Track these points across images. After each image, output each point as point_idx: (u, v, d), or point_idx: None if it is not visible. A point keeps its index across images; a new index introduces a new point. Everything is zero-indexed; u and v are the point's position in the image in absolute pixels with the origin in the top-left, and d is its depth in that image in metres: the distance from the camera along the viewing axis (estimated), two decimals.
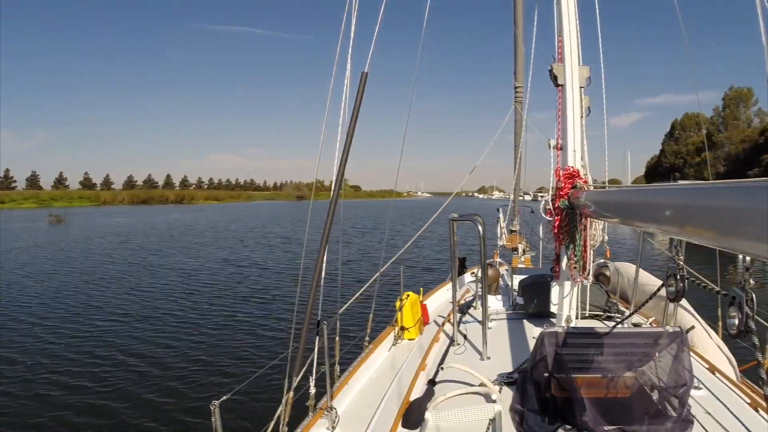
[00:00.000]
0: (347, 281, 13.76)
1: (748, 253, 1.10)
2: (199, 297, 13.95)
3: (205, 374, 8.07)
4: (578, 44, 3.55)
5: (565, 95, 3.52)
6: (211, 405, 2.52)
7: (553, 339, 2.64)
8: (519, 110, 8.94)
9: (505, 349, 3.85)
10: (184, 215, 59.06)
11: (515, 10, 8.77)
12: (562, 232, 3.26)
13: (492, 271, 5.44)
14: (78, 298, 13.99)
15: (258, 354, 8.96)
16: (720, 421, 2.59)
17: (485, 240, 3.76)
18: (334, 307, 3.84)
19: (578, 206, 2.98)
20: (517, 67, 9.01)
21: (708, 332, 3.88)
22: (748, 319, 1.29)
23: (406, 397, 3.06)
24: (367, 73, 3.33)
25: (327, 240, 3.13)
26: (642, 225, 1.83)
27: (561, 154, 3.58)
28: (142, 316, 11.81)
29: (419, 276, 16.09)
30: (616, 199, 2.28)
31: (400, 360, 4.09)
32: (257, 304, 13.02)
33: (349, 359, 4.14)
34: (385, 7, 3.74)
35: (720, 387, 3.06)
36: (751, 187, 1.04)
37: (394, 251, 6.29)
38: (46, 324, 11.16)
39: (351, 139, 3.28)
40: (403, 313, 4.64)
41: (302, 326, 3.05)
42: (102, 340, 10.01)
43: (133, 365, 8.51)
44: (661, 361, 2.59)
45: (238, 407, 6.30)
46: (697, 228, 1.27)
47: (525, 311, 4.72)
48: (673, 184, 1.51)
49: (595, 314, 4.43)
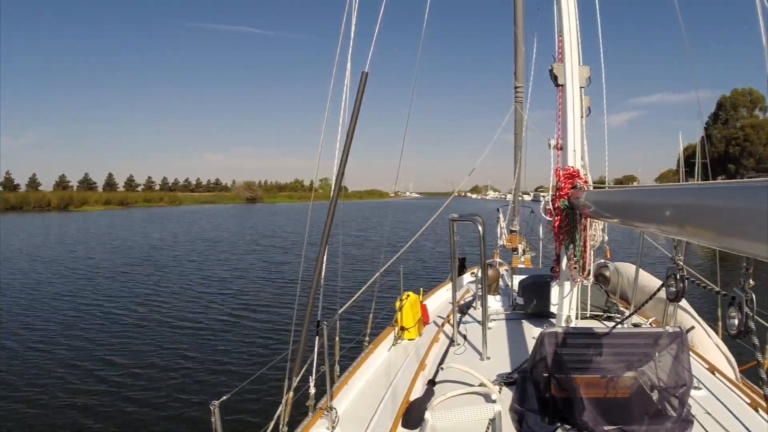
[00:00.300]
0: (347, 281, 13.76)
1: (748, 253, 1.10)
2: (198, 297, 13.95)
3: (205, 374, 8.07)
4: (578, 44, 3.55)
5: (565, 95, 3.52)
6: (211, 405, 2.51)
7: (553, 339, 2.64)
8: (519, 110, 8.94)
9: (505, 349, 3.84)
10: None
11: (515, 9, 8.77)
12: (562, 232, 3.26)
13: (492, 271, 5.43)
14: (78, 298, 14.00)
15: (258, 354, 8.96)
16: (720, 421, 2.59)
17: (485, 240, 3.76)
18: (334, 307, 3.84)
19: (578, 206, 2.98)
20: (517, 66, 9.01)
21: (708, 332, 3.88)
22: (748, 319, 1.29)
23: (406, 397, 3.06)
24: (367, 73, 3.33)
25: (327, 240, 3.13)
26: (642, 225, 1.83)
27: (561, 154, 3.58)
28: (141, 317, 11.81)
29: (419, 276, 16.09)
30: (616, 199, 2.27)
31: (400, 360, 4.09)
32: (257, 304, 13.02)
33: (349, 359, 4.13)
34: (385, 7, 3.74)
35: (720, 387, 3.06)
36: (751, 187, 1.03)
37: (394, 251, 6.29)
38: (40, 325, 11.17)
39: (351, 139, 3.27)
40: (403, 313, 4.63)
41: (302, 326, 3.05)
42: (101, 340, 10.02)
43: (133, 365, 8.52)
44: (661, 361, 2.59)
45: (238, 407, 6.30)
46: (697, 228, 1.27)
47: (525, 311, 4.72)
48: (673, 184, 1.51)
49: (595, 314, 4.43)
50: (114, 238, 32.24)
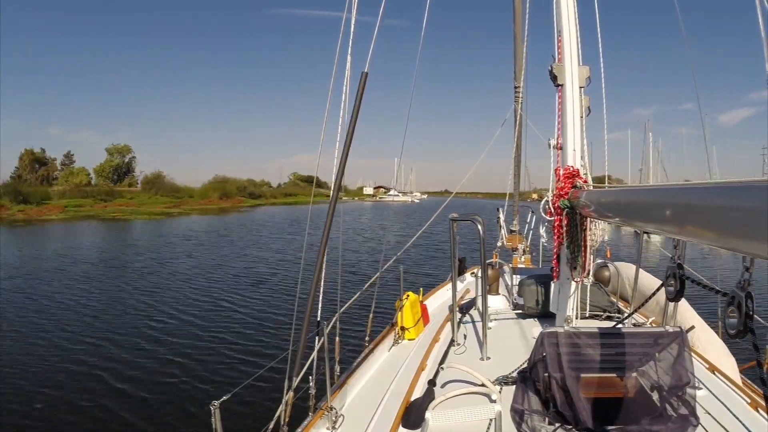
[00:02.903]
0: (347, 281, 13.76)
1: (748, 253, 1.10)
2: (198, 297, 13.95)
3: (205, 374, 8.08)
4: (578, 44, 3.56)
5: (565, 95, 3.53)
6: (211, 405, 2.52)
7: (553, 339, 2.64)
8: (518, 110, 8.93)
9: (505, 349, 3.85)
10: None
11: (514, 9, 8.77)
12: (562, 232, 3.26)
13: (492, 271, 5.44)
14: (77, 298, 13.99)
15: (258, 354, 8.96)
16: (720, 421, 2.59)
17: (485, 240, 3.76)
18: (334, 307, 3.84)
19: (578, 206, 2.98)
20: (516, 66, 9.00)
21: (708, 332, 3.88)
22: (748, 319, 1.29)
23: (406, 397, 3.06)
24: (367, 73, 3.33)
25: (327, 240, 3.13)
26: (642, 225, 1.83)
27: (561, 154, 3.59)
28: (141, 316, 11.81)
29: (419, 275, 16.09)
30: (615, 199, 2.27)
31: (400, 360, 4.08)
32: (257, 304, 13.02)
33: (349, 359, 4.13)
34: (384, 7, 3.74)
35: (720, 387, 3.07)
36: (751, 187, 1.03)
37: (394, 251, 6.29)
38: (41, 323, 11.17)
39: (351, 139, 3.28)
40: (403, 313, 4.64)
41: (302, 326, 3.05)
42: (101, 340, 10.02)
43: (133, 365, 8.52)
44: (662, 361, 2.59)
45: (238, 407, 6.30)
46: (697, 228, 1.27)
47: (525, 311, 4.72)
48: (673, 183, 1.51)
49: (595, 314, 4.44)
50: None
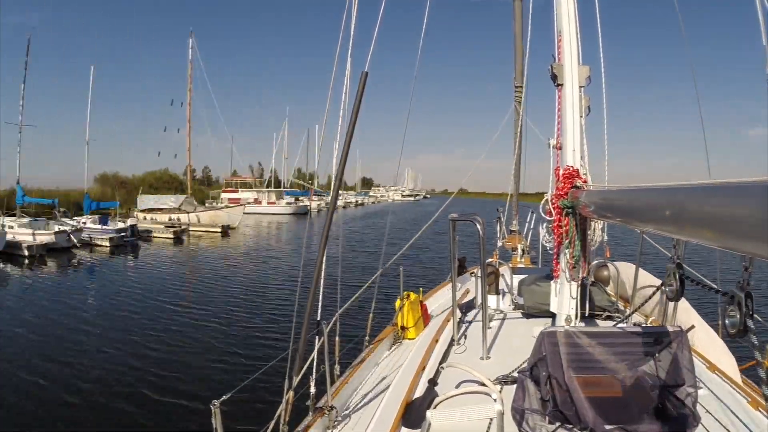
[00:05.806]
0: (347, 281, 13.76)
1: (748, 253, 1.10)
2: (198, 297, 13.95)
3: (205, 374, 8.08)
4: (578, 44, 3.56)
5: (564, 95, 3.53)
6: (211, 405, 2.52)
7: (553, 338, 2.64)
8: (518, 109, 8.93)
9: (505, 349, 3.85)
10: None
11: (515, 8, 8.77)
12: (562, 232, 3.27)
13: (492, 271, 5.44)
14: (75, 297, 13.99)
15: (258, 354, 8.96)
16: (720, 420, 2.60)
17: (485, 240, 3.76)
18: (334, 307, 3.84)
19: (578, 206, 2.98)
20: (516, 66, 9.00)
21: (708, 332, 3.88)
22: (748, 318, 1.29)
23: (407, 396, 3.06)
24: (367, 73, 3.33)
25: (327, 240, 3.13)
26: (642, 225, 1.83)
27: (560, 154, 3.59)
28: (141, 316, 11.81)
29: (419, 275, 16.09)
30: (615, 198, 2.27)
31: (400, 360, 4.08)
32: (257, 304, 13.00)
33: (349, 359, 4.13)
34: (384, 6, 3.74)
35: (720, 386, 3.07)
36: (751, 187, 1.03)
37: (394, 251, 6.29)
38: (36, 321, 11.17)
39: (351, 139, 3.28)
40: (403, 313, 4.64)
41: (302, 326, 3.05)
42: (100, 340, 10.01)
43: (133, 365, 8.51)
44: (662, 360, 2.59)
45: (238, 407, 6.29)
46: (697, 228, 1.27)
47: (525, 311, 4.72)
48: (673, 184, 1.51)
49: (595, 314, 4.43)
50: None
